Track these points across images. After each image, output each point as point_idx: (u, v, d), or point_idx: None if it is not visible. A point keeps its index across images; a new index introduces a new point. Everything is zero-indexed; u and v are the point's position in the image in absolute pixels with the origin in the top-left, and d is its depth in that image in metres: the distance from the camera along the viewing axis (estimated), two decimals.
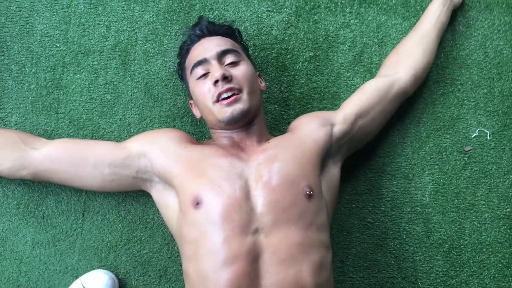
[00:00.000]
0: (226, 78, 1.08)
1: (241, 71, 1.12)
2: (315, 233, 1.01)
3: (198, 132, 1.30)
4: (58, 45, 1.33)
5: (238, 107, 1.08)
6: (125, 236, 1.25)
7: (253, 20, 1.39)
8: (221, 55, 1.12)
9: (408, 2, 1.43)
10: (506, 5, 1.44)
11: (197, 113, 1.20)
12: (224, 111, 1.08)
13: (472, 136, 1.35)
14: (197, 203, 1.01)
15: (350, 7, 1.41)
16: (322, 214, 1.05)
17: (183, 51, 1.21)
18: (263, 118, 1.20)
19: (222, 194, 1.01)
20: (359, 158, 1.30)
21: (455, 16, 1.42)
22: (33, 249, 1.23)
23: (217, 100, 1.08)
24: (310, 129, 1.13)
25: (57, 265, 1.23)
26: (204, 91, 1.10)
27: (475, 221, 1.30)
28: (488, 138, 1.35)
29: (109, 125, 1.30)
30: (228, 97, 1.07)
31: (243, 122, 1.11)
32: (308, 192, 1.02)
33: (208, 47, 1.14)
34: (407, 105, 1.35)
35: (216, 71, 1.09)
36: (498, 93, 1.38)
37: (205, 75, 1.12)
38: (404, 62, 1.26)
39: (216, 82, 1.08)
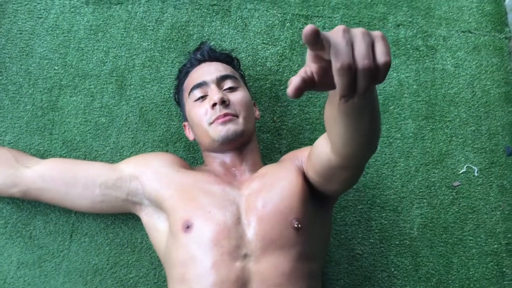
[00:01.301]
0: (224, 102, 1.09)
1: (238, 97, 1.13)
2: (304, 264, 1.00)
3: (190, 157, 1.31)
4: (56, 68, 1.35)
5: (233, 127, 1.09)
6: (112, 259, 1.23)
7: (249, 52, 1.42)
8: (220, 80, 1.15)
9: (399, 41, 1.48)
10: (493, 47, 1.50)
11: (190, 135, 1.21)
12: (219, 130, 1.09)
13: (460, 172, 1.37)
14: (187, 227, 1.01)
15: None
16: (312, 245, 1.04)
17: (182, 73, 1.23)
18: (257, 146, 1.21)
19: (212, 220, 1.00)
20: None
21: (445, 56, 1.47)
22: (18, 269, 1.21)
23: (213, 122, 1.10)
24: (293, 168, 1.09)
25: (41, 287, 1.20)
26: (201, 113, 1.11)
27: (462, 256, 1.31)
28: (476, 174, 1.37)
29: (102, 148, 1.30)
30: (224, 116, 1.08)
31: (236, 144, 1.12)
32: (296, 225, 1.00)
33: (208, 71, 1.16)
34: (397, 140, 1.38)
35: (215, 94, 1.10)
36: (485, 131, 1.41)
37: (202, 97, 1.13)
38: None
39: (214, 105, 1.10)
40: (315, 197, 1.08)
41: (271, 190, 1.05)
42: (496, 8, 1.55)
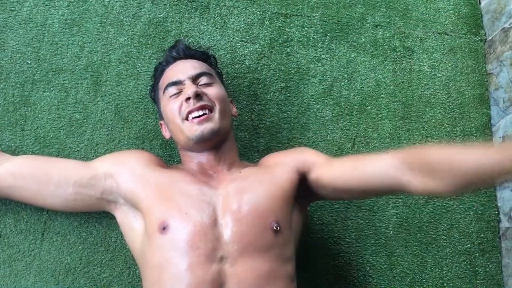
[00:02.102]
0: (198, 96, 1.08)
1: (214, 91, 1.12)
2: (281, 265, 1.00)
3: (167, 155, 1.30)
4: (29, 62, 1.32)
5: (209, 125, 1.07)
6: (85, 258, 1.21)
7: (227, 49, 1.41)
8: (195, 77, 1.13)
9: (377, 41, 1.49)
10: (468, 50, 1.52)
11: (166, 134, 1.19)
12: (195, 129, 1.07)
13: None
14: (163, 228, 0.99)
15: (321, 43, 1.46)
16: (289, 247, 1.04)
17: (158, 72, 1.21)
18: (234, 144, 1.20)
19: (189, 221, 0.99)
20: None
21: (421, 57, 1.49)
22: None
23: (187, 118, 1.08)
24: (283, 171, 1.10)
25: (11, 287, 1.17)
26: (175, 108, 1.10)
27: (436, 255, 1.33)
28: None
29: (76, 145, 1.28)
30: (199, 116, 1.07)
31: (212, 143, 1.10)
32: (275, 228, 1.00)
33: (183, 68, 1.15)
34: (374, 139, 1.39)
35: (189, 88, 1.09)
36: (460, 132, 1.43)
37: (177, 93, 1.12)
38: (433, 179, 0.93)
39: (188, 99, 1.08)
40: (297, 199, 1.09)
41: (251, 192, 1.04)
42: (472, 10, 1.57)
